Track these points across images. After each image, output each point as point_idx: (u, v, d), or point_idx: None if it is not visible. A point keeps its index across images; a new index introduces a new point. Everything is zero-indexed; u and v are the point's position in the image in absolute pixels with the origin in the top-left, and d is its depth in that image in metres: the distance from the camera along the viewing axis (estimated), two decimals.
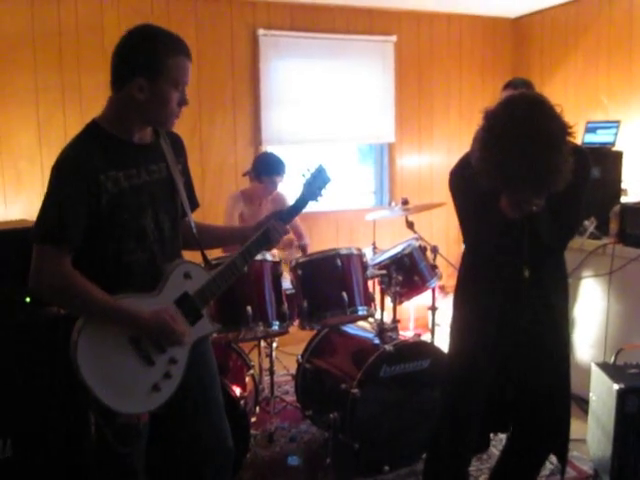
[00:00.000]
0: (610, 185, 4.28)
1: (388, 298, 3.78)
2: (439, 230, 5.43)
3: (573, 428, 2.65)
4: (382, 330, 3.53)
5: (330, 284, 3.45)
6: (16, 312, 2.80)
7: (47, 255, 1.93)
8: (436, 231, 5.38)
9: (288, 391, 4.41)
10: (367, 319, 3.72)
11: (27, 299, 2.80)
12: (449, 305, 2.77)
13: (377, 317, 3.66)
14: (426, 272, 3.94)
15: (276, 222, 2.30)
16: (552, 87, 5.54)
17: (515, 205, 2.26)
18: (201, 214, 2.44)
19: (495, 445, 3.35)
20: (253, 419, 3.49)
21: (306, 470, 3.44)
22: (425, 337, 3.96)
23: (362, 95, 5.72)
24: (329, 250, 3.53)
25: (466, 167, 2.29)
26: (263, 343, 4.09)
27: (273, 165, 4.23)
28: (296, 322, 3.54)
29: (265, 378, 4.16)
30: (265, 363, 4.10)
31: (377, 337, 3.52)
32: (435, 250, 4.09)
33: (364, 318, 3.67)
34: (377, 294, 3.80)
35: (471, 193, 2.37)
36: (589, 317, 4.13)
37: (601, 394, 3.16)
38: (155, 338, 2.04)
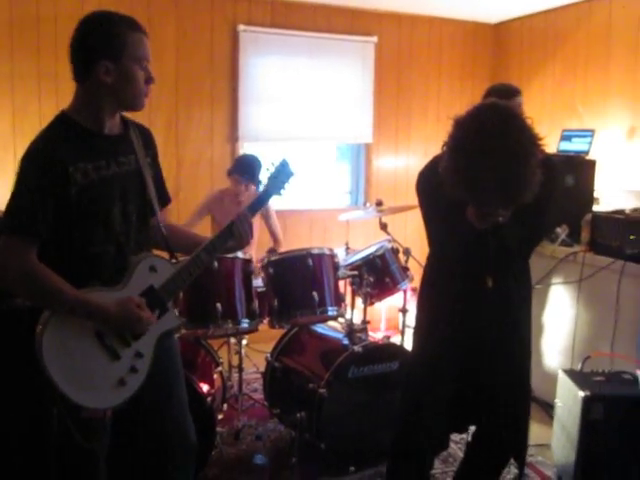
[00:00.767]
0: (583, 193, 4.33)
1: (359, 299, 3.79)
2: (413, 232, 5.43)
3: (538, 433, 2.68)
4: (352, 331, 3.52)
5: (301, 283, 3.46)
6: None
7: (14, 246, 1.91)
8: (410, 233, 5.39)
9: (257, 389, 4.40)
10: (337, 319, 3.72)
11: None
12: None
13: (347, 317, 3.66)
14: (398, 274, 3.94)
15: (241, 214, 2.29)
16: (530, 93, 5.57)
17: (481, 216, 2.25)
18: (175, 209, 2.43)
19: (461, 448, 3.37)
20: (220, 416, 3.47)
21: (272, 469, 3.43)
22: (395, 339, 3.97)
23: (341, 95, 5.71)
24: (301, 249, 3.54)
25: (435, 173, 2.26)
26: (233, 340, 4.08)
27: (238, 164, 4.35)
28: (266, 320, 3.54)
29: (234, 375, 4.14)
30: (234, 360, 4.08)
31: (346, 338, 3.52)
32: (407, 252, 4.10)
33: (334, 318, 3.68)
34: (348, 295, 3.81)
35: (437, 199, 2.36)
36: (558, 324, 4.16)
37: (567, 400, 3.19)
38: (121, 328, 2.02)
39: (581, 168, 4.36)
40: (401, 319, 4.28)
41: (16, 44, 4.61)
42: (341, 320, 3.72)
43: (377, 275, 3.80)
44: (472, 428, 2.73)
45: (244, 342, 3.99)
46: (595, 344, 3.86)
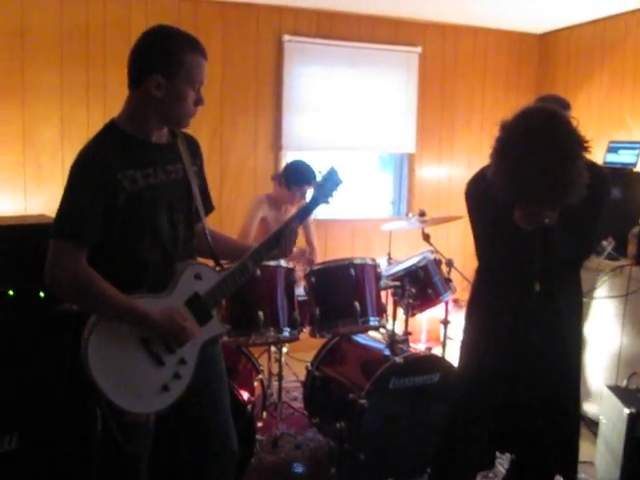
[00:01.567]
0: (630, 206, 4.25)
1: (401, 310, 3.77)
2: (455, 243, 5.40)
3: (582, 450, 2.62)
4: (393, 341, 3.51)
5: (343, 293, 3.45)
6: (29, 307, 2.81)
7: (64, 251, 1.94)
8: (452, 244, 5.36)
9: (296, 397, 4.41)
10: (378, 330, 3.71)
11: (41, 294, 2.82)
12: (462, 319, 2.76)
13: (389, 328, 3.65)
14: (440, 285, 3.92)
15: (289, 223, 2.31)
16: (576, 105, 5.48)
17: (528, 217, 2.26)
18: (218, 217, 2.45)
19: (502, 463, 3.33)
20: (260, 424, 3.48)
21: (310, 478, 3.43)
22: (436, 350, 3.94)
23: (384, 104, 5.71)
24: (343, 259, 3.54)
25: (483, 179, 2.31)
26: (273, 348, 4.09)
27: (304, 175, 4.15)
28: (307, 329, 3.55)
29: (274, 383, 4.15)
30: (274, 368, 4.09)
31: (388, 348, 3.50)
32: (450, 263, 4.08)
33: (376, 328, 3.66)
34: (390, 305, 3.79)
35: (485, 203, 2.38)
36: (603, 338, 4.08)
37: (611, 417, 3.13)
38: (165, 337, 2.05)
39: (628, 180, 4.29)
40: (442, 331, 4.26)
41: (66, 55, 4.71)
42: (382, 331, 3.70)
43: (419, 286, 3.78)
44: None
45: (284, 350, 3.99)
46: None
